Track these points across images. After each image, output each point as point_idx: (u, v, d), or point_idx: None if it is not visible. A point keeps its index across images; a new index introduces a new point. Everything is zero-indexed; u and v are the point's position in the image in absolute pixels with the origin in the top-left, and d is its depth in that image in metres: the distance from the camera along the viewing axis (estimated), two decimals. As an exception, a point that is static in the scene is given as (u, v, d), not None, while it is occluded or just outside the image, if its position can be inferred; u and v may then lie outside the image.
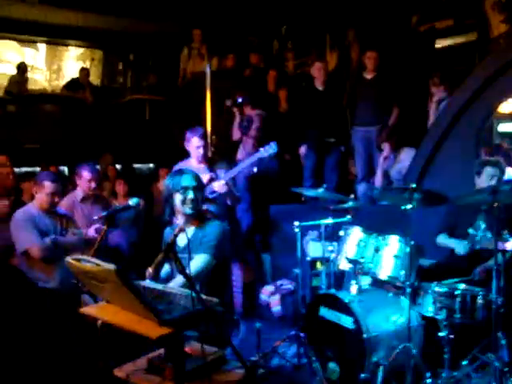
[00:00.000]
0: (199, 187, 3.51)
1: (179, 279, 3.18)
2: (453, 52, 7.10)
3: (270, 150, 4.93)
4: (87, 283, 2.52)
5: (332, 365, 4.08)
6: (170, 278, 3.36)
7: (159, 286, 2.52)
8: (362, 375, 3.84)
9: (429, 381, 3.85)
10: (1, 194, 5.62)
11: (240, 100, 7.09)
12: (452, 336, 3.87)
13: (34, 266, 4.51)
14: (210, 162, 5.26)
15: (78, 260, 2.34)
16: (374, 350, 3.89)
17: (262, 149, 5.00)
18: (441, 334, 3.89)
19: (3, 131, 9.35)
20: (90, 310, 2.61)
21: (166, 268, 3.44)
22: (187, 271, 2.34)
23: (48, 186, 4.55)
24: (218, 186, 4.92)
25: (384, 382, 3.77)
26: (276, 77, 8.06)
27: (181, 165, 5.28)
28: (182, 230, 2.64)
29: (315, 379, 4.15)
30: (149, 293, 2.46)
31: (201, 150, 5.08)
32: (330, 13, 8.59)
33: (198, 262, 3.25)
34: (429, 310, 4.01)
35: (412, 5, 7.85)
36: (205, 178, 5.01)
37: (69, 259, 2.41)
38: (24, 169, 8.50)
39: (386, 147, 6.15)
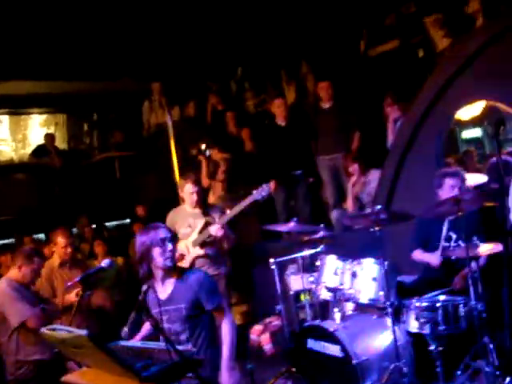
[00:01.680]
0: (174, 238, 3.47)
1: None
2: (402, 70, 7.30)
3: (262, 192, 4.93)
4: (66, 351, 2.53)
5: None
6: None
7: (137, 344, 2.54)
8: (358, 401, 3.85)
9: (424, 398, 3.90)
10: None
11: (204, 148, 7.20)
12: (441, 348, 3.91)
13: (28, 338, 4.43)
14: (204, 206, 5.32)
15: (53, 329, 2.36)
16: (366, 375, 3.92)
17: (254, 191, 4.98)
18: (430, 348, 3.93)
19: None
20: (71, 377, 2.62)
21: None
22: (161, 326, 2.36)
23: (38, 261, 4.59)
24: (214, 230, 4.97)
25: (380, 404, 3.78)
26: (235, 117, 8.20)
27: (175, 211, 5.37)
28: (150, 287, 2.65)
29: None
30: (127, 351, 2.47)
31: (194, 196, 5.17)
32: (282, 48, 8.79)
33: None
34: (413, 326, 4.05)
35: (358, 31, 8.09)
36: (200, 222, 5.09)
37: (43, 330, 2.42)
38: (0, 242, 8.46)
39: (355, 169, 6.25)
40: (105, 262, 3.38)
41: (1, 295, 4.47)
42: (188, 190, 5.18)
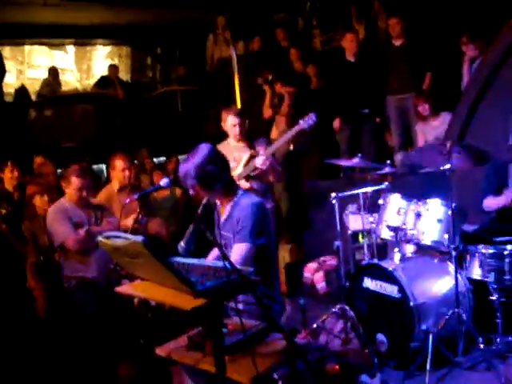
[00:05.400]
0: None
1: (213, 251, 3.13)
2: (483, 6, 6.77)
3: (309, 120, 4.73)
4: (121, 261, 2.51)
5: (380, 336, 3.99)
6: None
7: (192, 260, 2.48)
8: (412, 344, 3.74)
9: (482, 346, 3.74)
10: (43, 191, 5.73)
11: (270, 78, 6.99)
12: (504, 299, 3.74)
13: (71, 257, 4.60)
14: (249, 139, 5.15)
15: (108, 237, 2.32)
16: (423, 318, 3.78)
17: (301, 121, 4.80)
18: (491, 297, 3.76)
19: (41, 133, 9.56)
20: (125, 288, 2.60)
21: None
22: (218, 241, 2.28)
23: (75, 181, 4.62)
24: (260, 162, 4.80)
25: (435, 350, 3.65)
26: (299, 54, 7.93)
27: (220, 145, 5.25)
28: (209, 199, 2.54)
29: (364, 352, 4.07)
30: (182, 267, 2.41)
31: (236, 128, 4.98)
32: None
33: (238, 252, 3.05)
34: (477, 273, 3.89)
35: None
36: (245, 155, 4.98)
37: (100, 238, 2.39)
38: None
39: (425, 109, 5.95)
40: (163, 181, 3.33)
41: (47, 217, 4.69)
42: (230, 122, 4.99)
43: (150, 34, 11.42)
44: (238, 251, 3.05)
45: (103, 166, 9.18)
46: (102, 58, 12.51)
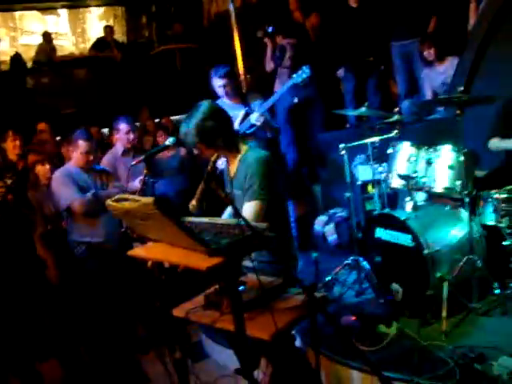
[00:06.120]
0: None
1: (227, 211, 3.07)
2: None
3: (303, 74, 4.67)
4: (132, 224, 2.46)
5: (395, 286, 3.97)
6: None
7: (204, 219, 2.42)
8: (427, 292, 3.72)
9: (497, 291, 3.72)
10: (44, 160, 5.67)
11: (270, 29, 6.82)
12: (517, 244, 3.69)
13: (78, 221, 4.58)
14: (243, 97, 5.07)
15: (117, 200, 2.26)
16: (437, 266, 3.74)
17: (294, 75, 4.75)
18: (505, 242, 3.71)
19: (40, 100, 9.46)
20: (138, 251, 2.56)
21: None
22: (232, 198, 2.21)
23: (82, 144, 4.58)
24: (254, 118, 4.73)
25: (450, 297, 3.63)
26: (298, 3, 7.70)
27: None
28: (219, 156, 2.48)
29: (379, 302, 4.06)
30: (194, 227, 2.36)
31: (221, 89, 4.91)
32: None
33: (249, 209, 2.95)
34: (490, 218, 3.82)
35: None
36: (240, 113, 4.89)
37: (109, 201, 2.33)
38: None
39: (431, 54, 5.80)
40: (169, 140, 3.27)
41: (52, 181, 4.66)
42: (216, 84, 4.92)
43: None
44: (249, 208, 2.98)
45: (104, 130, 9.09)
46: (96, 20, 12.29)
